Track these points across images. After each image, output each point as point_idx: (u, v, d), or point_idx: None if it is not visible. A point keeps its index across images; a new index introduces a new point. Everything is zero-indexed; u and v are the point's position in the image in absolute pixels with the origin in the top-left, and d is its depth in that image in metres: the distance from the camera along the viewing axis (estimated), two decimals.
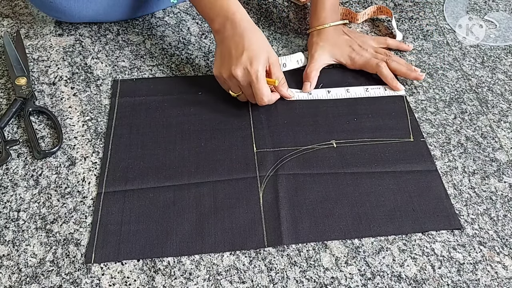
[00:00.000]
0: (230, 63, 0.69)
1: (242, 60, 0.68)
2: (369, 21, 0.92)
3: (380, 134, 0.72)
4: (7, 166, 0.68)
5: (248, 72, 0.68)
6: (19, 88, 0.76)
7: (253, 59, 0.68)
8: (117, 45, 0.86)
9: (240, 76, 0.69)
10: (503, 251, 0.61)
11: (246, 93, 0.72)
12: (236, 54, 0.69)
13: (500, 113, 0.77)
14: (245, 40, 0.69)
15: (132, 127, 0.73)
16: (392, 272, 0.59)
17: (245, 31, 0.70)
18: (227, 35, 0.70)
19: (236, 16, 0.70)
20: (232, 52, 0.69)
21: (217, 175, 0.67)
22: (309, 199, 0.65)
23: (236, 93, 0.73)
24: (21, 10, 0.92)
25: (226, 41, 0.71)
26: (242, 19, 0.71)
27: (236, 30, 0.70)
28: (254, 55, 0.68)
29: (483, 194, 0.67)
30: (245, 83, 0.70)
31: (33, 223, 0.62)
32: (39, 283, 0.57)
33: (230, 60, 0.69)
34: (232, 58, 0.69)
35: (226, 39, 0.71)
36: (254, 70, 0.68)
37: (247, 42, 0.69)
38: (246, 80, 0.69)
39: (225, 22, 0.71)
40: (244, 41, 0.69)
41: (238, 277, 0.58)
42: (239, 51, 0.69)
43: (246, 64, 0.68)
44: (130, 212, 0.63)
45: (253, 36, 0.70)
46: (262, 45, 0.70)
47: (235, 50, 0.69)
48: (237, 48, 0.69)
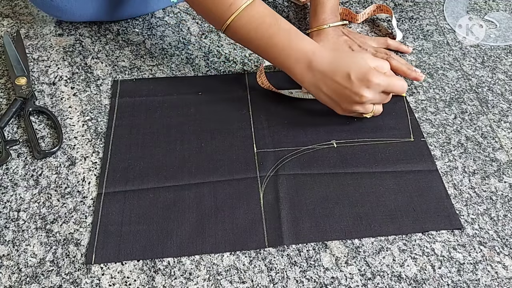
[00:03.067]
0: (349, 95, 0.66)
1: (357, 82, 0.64)
2: (369, 21, 0.92)
3: (380, 134, 0.72)
4: (7, 166, 0.68)
5: (374, 85, 0.64)
6: (19, 88, 0.76)
7: (364, 70, 0.64)
8: (117, 45, 0.86)
9: (370, 95, 0.65)
10: (503, 251, 0.61)
11: (380, 100, 0.68)
12: (346, 84, 0.65)
13: (500, 113, 0.77)
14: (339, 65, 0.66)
15: (132, 127, 0.73)
16: (392, 272, 0.59)
17: (331, 61, 0.66)
18: (318, 75, 0.67)
19: (316, 54, 0.67)
20: (340, 83, 0.65)
21: (217, 175, 0.67)
22: (309, 199, 0.65)
23: (370, 111, 0.69)
24: (21, 10, 0.92)
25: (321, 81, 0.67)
26: (322, 54, 0.67)
27: (324, 65, 0.66)
28: (359, 67, 0.65)
29: (483, 194, 0.67)
30: (376, 95, 0.66)
31: (33, 223, 0.62)
32: (39, 283, 0.57)
33: (345, 92, 0.66)
34: (346, 88, 0.65)
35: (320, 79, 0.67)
36: (375, 78, 0.64)
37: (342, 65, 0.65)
38: (377, 92, 0.66)
39: (310, 64, 0.67)
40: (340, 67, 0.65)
41: (238, 277, 0.58)
42: (345, 78, 0.65)
43: (365, 80, 0.64)
44: (130, 213, 0.63)
45: (340, 57, 0.67)
46: (354, 56, 0.67)
47: (342, 80, 0.65)
48: (342, 78, 0.65)
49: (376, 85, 0.65)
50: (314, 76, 0.67)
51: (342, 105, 0.68)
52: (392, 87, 0.67)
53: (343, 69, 0.65)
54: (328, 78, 0.66)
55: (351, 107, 0.67)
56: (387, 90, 0.67)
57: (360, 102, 0.66)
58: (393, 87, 0.67)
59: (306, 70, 0.67)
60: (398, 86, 0.67)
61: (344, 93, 0.66)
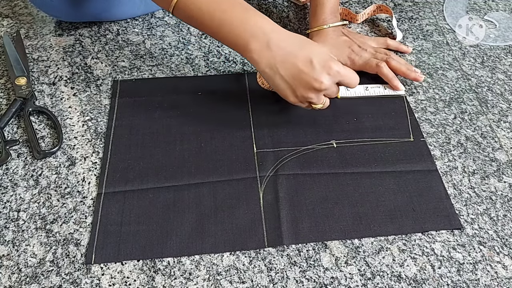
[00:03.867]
0: (307, 81, 0.63)
1: (319, 68, 0.62)
2: (369, 21, 0.92)
3: (380, 134, 0.73)
4: (7, 166, 0.68)
5: (335, 72, 0.63)
6: (19, 88, 0.76)
7: (326, 58, 0.63)
8: (117, 45, 0.86)
9: (327, 84, 0.63)
10: (503, 251, 0.61)
11: (333, 92, 0.66)
12: (307, 69, 0.62)
13: (500, 113, 0.77)
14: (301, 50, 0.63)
15: (132, 127, 0.73)
16: (392, 272, 0.59)
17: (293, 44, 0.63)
18: (277, 56, 0.63)
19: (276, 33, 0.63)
20: (300, 67, 0.62)
21: (217, 175, 0.67)
22: (309, 199, 0.65)
23: (322, 102, 0.67)
24: (21, 10, 0.92)
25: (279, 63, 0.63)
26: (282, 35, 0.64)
27: (286, 47, 0.63)
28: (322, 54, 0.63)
29: (483, 194, 0.67)
30: (333, 85, 0.65)
31: (33, 223, 0.62)
32: (39, 283, 0.57)
33: (304, 77, 0.63)
34: (305, 74, 0.62)
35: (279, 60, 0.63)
36: (336, 66, 0.63)
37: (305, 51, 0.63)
38: (334, 81, 0.65)
39: (269, 42, 0.62)
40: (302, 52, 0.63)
41: (238, 277, 0.58)
42: (306, 63, 0.62)
43: (327, 67, 0.63)
44: (130, 213, 0.63)
45: (302, 43, 0.64)
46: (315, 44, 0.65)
47: (303, 65, 0.62)
48: (303, 63, 0.62)
49: (336, 72, 0.63)
50: (272, 56, 0.63)
51: (298, 91, 0.64)
52: (349, 79, 0.66)
53: (305, 53, 0.63)
54: (289, 61, 0.63)
55: (307, 94, 0.64)
56: (342, 81, 0.65)
57: (318, 89, 0.64)
58: (350, 79, 0.66)
59: (265, 48, 0.63)
60: (353, 78, 0.66)
61: (303, 78, 0.63)
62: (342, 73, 0.64)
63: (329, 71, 0.63)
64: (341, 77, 0.65)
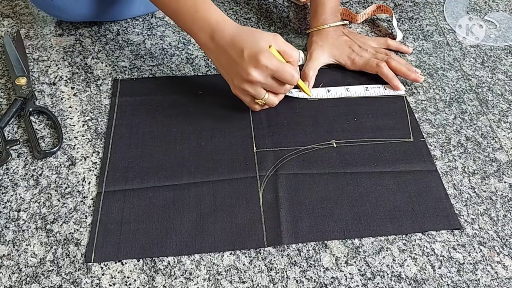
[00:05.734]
0: (239, 72, 0.64)
1: (247, 59, 0.63)
2: (369, 21, 0.92)
3: (380, 134, 0.73)
4: (7, 166, 0.68)
5: (262, 66, 0.63)
6: (19, 88, 0.76)
7: (257, 50, 0.63)
8: (117, 45, 0.86)
9: (258, 76, 0.64)
10: (503, 251, 0.61)
11: (272, 87, 0.66)
12: (238, 59, 0.64)
13: (500, 113, 0.77)
14: (238, 40, 0.64)
15: (132, 127, 0.73)
16: (392, 272, 0.59)
17: (234, 34, 0.65)
18: (218, 47, 0.66)
19: (220, 25, 0.66)
20: (234, 58, 0.64)
21: (217, 174, 0.67)
22: (309, 199, 0.65)
23: (263, 97, 0.67)
24: (21, 10, 0.92)
25: (220, 53, 0.66)
26: (226, 26, 0.66)
27: (225, 38, 0.65)
28: (255, 46, 0.63)
29: (483, 194, 0.67)
30: (267, 79, 0.65)
31: (33, 223, 0.62)
32: (39, 283, 0.57)
33: (237, 68, 0.64)
34: (237, 64, 0.64)
35: (220, 51, 0.66)
36: (265, 59, 0.63)
37: (241, 41, 0.64)
38: (266, 75, 0.64)
39: (213, 34, 0.66)
40: (238, 42, 0.64)
41: (238, 277, 0.58)
42: (239, 53, 0.64)
43: (254, 59, 0.63)
44: (130, 212, 0.63)
45: (243, 33, 0.65)
46: (256, 36, 0.65)
47: (236, 55, 0.64)
48: (236, 53, 0.64)
49: (264, 66, 0.63)
50: (215, 47, 0.66)
51: (234, 81, 0.66)
52: (281, 74, 0.64)
53: (240, 44, 0.64)
54: (226, 52, 0.65)
55: (242, 85, 0.65)
56: (276, 76, 0.65)
57: (247, 80, 0.64)
58: (282, 73, 0.64)
59: (209, 40, 0.66)
60: (287, 73, 0.64)
61: (235, 68, 0.65)
62: (272, 67, 0.63)
63: (256, 64, 0.63)
64: (271, 71, 0.64)
